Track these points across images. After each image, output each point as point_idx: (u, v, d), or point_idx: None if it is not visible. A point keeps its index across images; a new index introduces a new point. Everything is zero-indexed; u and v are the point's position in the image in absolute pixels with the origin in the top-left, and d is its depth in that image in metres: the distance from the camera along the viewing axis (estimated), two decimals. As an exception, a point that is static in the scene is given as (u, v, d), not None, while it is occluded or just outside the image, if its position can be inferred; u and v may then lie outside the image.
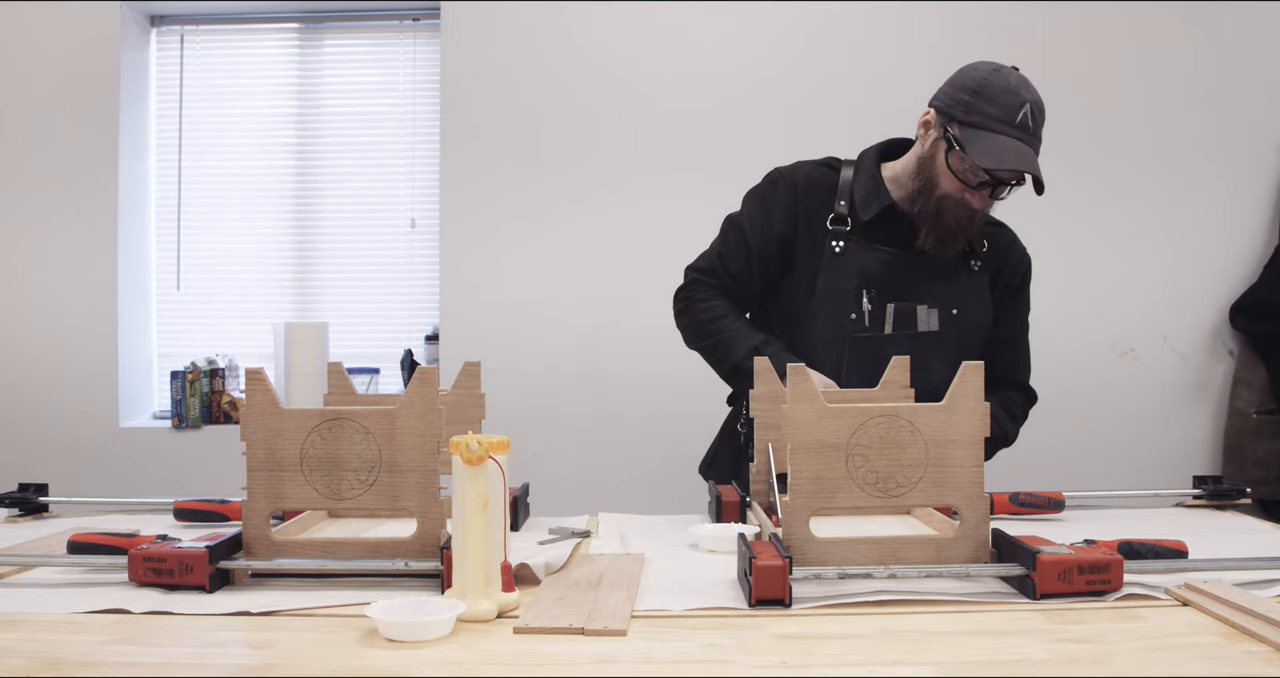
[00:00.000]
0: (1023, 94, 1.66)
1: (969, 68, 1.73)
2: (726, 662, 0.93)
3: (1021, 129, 1.65)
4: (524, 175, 3.25)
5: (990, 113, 1.66)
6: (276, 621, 1.06)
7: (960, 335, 1.80)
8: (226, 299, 3.53)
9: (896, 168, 1.84)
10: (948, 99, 1.72)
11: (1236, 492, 1.72)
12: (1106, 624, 1.01)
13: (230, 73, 3.55)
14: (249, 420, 1.20)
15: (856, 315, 1.78)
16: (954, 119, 1.69)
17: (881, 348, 1.74)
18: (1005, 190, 1.72)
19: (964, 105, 1.68)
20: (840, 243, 1.80)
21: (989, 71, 1.69)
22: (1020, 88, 1.66)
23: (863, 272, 1.79)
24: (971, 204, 1.72)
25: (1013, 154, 1.64)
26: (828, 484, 1.15)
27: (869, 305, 1.78)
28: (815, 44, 3.22)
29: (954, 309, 1.80)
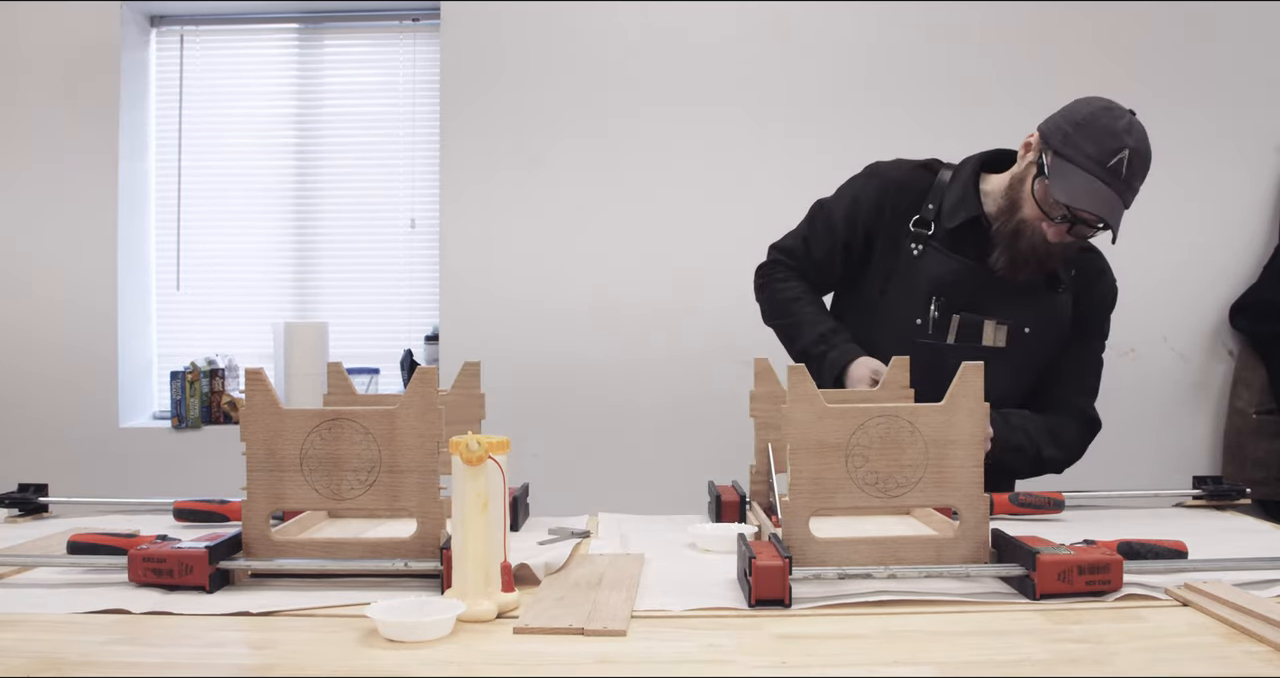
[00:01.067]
0: (1124, 140, 1.62)
1: (1082, 101, 1.70)
2: (726, 662, 0.93)
3: (1112, 174, 1.61)
4: (524, 175, 3.25)
5: (1085, 150, 1.63)
6: (276, 621, 1.06)
7: (1030, 356, 1.78)
8: (226, 299, 3.54)
9: (994, 181, 1.82)
10: (1051, 126, 1.70)
11: (1236, 492, 1.72)
12: (1106, 624, 1.01)
13: (230, 73, 3.55)
14: (249, 420, 1.20)
15: (922, 321, 1.78)
16: (1050, 147, 1.67)
17: (942, 357, 1.73)
18: (1086, 232, 1.70)
19: (1063, 136, 1.66)
20: (919, 246, 1.80)
21: (1100, 109, 1.66)
22: (1125, 133, 1.63)
23: (936, 278, 1.78)
24: (1048, 236, 1.69)
25: (1091, 196, 1.62)
26: (828, 484, 1.15)
27: (936, 313, 1.77)
28: (816, 43, 3.22)
29: (1026, 328, 1.78)
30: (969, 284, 1.77)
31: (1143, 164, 1.65)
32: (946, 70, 3.19)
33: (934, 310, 1.77)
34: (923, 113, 3.20)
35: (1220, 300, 3.17)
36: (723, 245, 3.19)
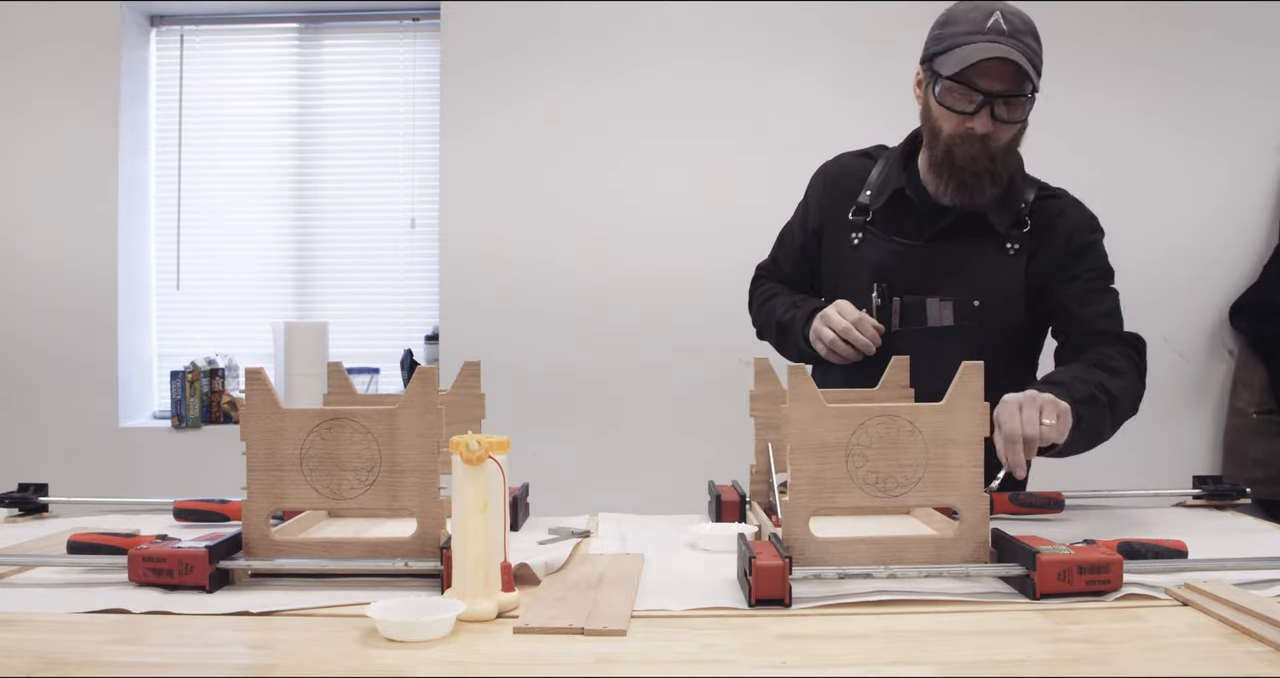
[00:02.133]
0: (991, 6, 1.55)
1: None
2: (726, 662, 0.93)
3: (994, 32, 1.52)
4: (524, 175, 3.25)
5: (957, 31, 1.56)
6: (276, 621, 1.06)
7: (990, 328, 1.66)
8: (226, 299, 3.54)
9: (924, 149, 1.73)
10: (925, 46, 1.64)
11: (1236, 492, 1.72)
12: (1106, 624, 1.01)
13: (230, 73, 3.55)
14: (249, 420, 1.20)
15: (866, 311, 1.67)
16: (928, 57, 1.62)
17: (890, 345, 1.62)
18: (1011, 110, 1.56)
19: (933, 40, 1.61)
20: (858, 235, 1.73)
21: (951, 7, 1.62)
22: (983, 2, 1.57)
23: (875, 264, 1.70)
24: (976, 131, 1.57)
25: (980, 51, 1.52)
26: (828, 484, 1.15)
27: (878, 300, 1.68)
28: (817, 43, 3.22)
29: (975, 300, 1.66)
30: (909, 264, 1.68)
31: (1021, 19, 1.56)
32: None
33: (876, 298, 1.68)
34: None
35: (1220, 300, 3.17)
36: (722, 246, 3.19)
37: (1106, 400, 1.53)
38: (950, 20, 1.60)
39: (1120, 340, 1.69)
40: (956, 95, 1.57)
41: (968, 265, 1.68)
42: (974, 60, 1.52)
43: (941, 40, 1.59)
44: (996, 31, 1.53)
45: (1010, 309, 1.69)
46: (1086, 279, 1.71)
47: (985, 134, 1.58)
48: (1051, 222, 1.70)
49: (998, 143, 1.60)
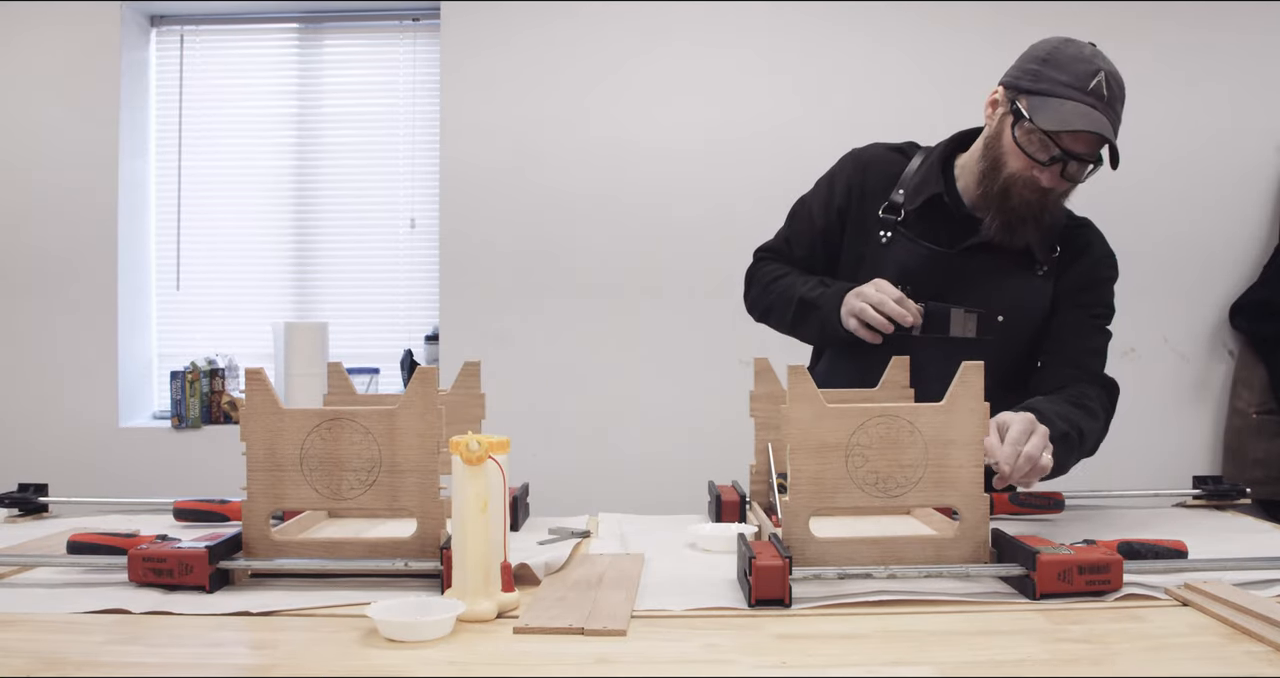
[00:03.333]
0: (1097, 62, 1.53)
1: (1039, 42, 1.60)
2: (726, 662, 0.93)
3: (1095, 96, 1.51)
4: (524, 175, 3.25)
5: (1059, 79, 1.52)
6: (276, 621, 1.06)
7: (1004, 344, 1.64)
8: (226, 299, 3.54)
9: (967, 157, 1.71)
10: (1015, 72, 1.60)
11: (1236, 492, 1.72)
12: (1106, 624, 1.01)
13: (230, 73, 3.55)
14: (249, 420, 1.20)
15: None
16: (1021, 90, 1.56)
17: (902, 346, 1.60)
18: (1080, 170, 1.56)
19: (1031, 74, 1.56)
20: (888, 233, 1.69)
21: (1060, 41, 1.57)
22: (1095, 57, 1.54)
23: (903, 266, 1.66)
24: (1041, 183, 1.56)
25: (1082, 117, 1.50)
26: (828, 484, 1.15)
27: None
28: (818, 44, 3.22)
29: (1000, 315, 1.63)
30: (937, 270, 1.66)
31: (1119, 87, 1.55)
32: (932, 72, 3.19)
33: None
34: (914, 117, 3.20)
35: (1220, 300, 3.17)
36: (723, 246, 3.19)
37: (1077, 441, 1.54)
38: (1052, 61, 1.55)
39: (1099, 382, 1.70)
40: (1037, 144, 1.55)
41: (995, 280, 1.66)
42: (1074, 127, 1.50)
43: (1040, 80, 1.55)
44: (1098, 96, 1.52)
45: (1029, 329, 1.69)
46: (1092, 313, 1.73)
47: (1052, 189, 1.57)
48: (1080, 251, 1.72)
49: (1057, 198, 1.61)
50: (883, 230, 1.70)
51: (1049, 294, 1.69)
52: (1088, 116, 1.50)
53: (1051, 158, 1.54)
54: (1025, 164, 1.56)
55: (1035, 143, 1.55)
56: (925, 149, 1.78)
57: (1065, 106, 1.51)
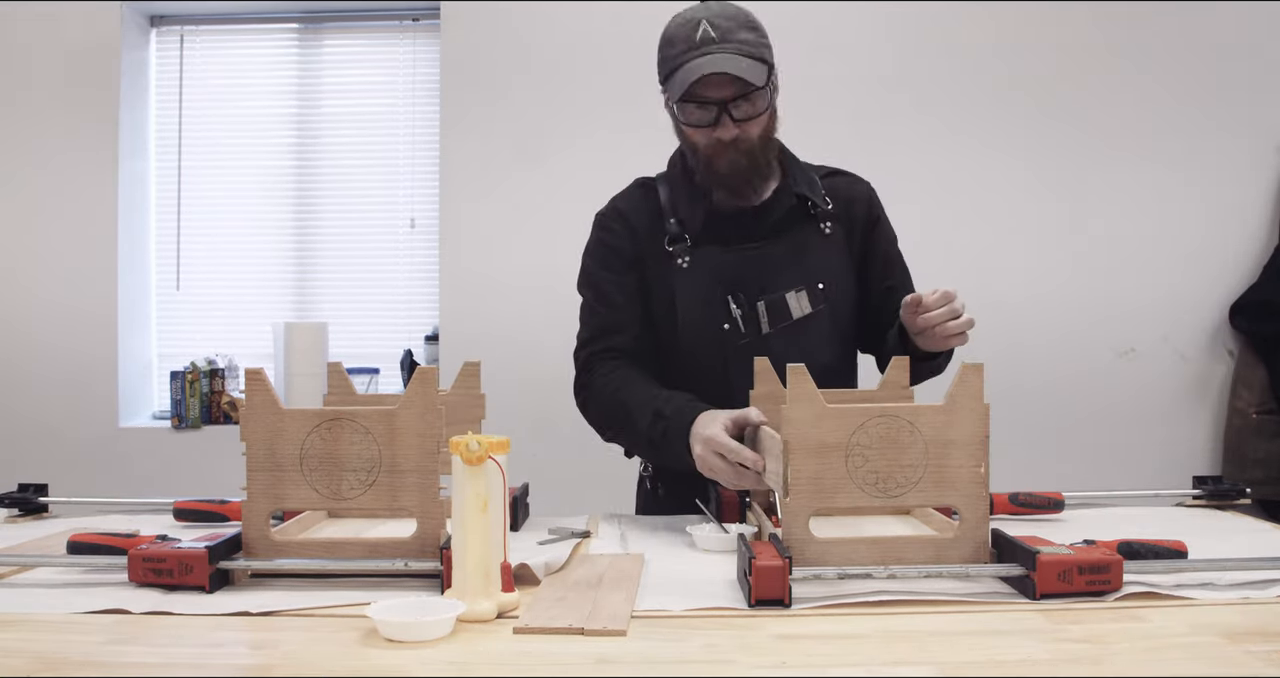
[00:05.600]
0: (697, 15, 1.58)
1: None
2: (726, 662, 0.93)
3: (705, 43, 1.55)
4: (524, 175, 3.25)
5: (672, 53, 1.59)
6: (276, 621, 1.06)
7: (835, 309, 1.70)
8: (226, 299, 3.54)
9: None
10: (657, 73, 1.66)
11: (1236, 492, 1.71)
12: (1106, 624, 1.01)
13: (230, 73, 3.55)
14: (249, 420, 1.20)
15: (729, 324, 1.66)
16: (662, 83, 1.64)
17: (766, 349, 1.61)
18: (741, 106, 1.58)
19: (659, 65, 1.63)
20: (685, 259, 1.69)
21: (670, 21, 1.63)
22: (696, 12, 1.59)
23: (721, 276, 1.68)
24: (721, 138, 1.60)
25: (697, 70, 1.54)
26: (827, 484, 1.15)
27: (738, 310, 1.66)
28: (819, 45, 3.22)
29: (820, 283, 1.68)
30: (752, 267, 1.68)
31: (731, 20, 1.58)
32: (946, 70, 3.19)
33: (735, 308, 1.67)
34: (915, 114, 3.20)
35: (1220, 300, 3.17)
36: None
37: None
38: (666, 41, 1.62)
39: None
40: (693, 111, 1.61)
41: (799, 255, 1.71)
42: (691, 79, 1.55)
43: (665, 63, 1.62)
44: (707, 41, 1.56)
45: (848, 285, 1.74)
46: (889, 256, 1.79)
47: (735, 138, 1.61)
48: (846, 194, 1.77)
49: (750, 140, 1.63)
50: (679, 259, 1.70)
51: (844, 247, 1.74)
52: (701, 65, 1.54)
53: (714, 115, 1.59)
54: (703, 134, 1.62)
55: (692, 112, 1.61)
56: (660, 177, 1.81)
57: (683, 70, 1.56)
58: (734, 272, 1.69)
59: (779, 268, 1.69)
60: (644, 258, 1.74)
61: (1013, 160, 3.20)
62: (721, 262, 1.69)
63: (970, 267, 3.15)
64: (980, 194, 3.20)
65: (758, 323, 1.67)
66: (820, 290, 1.68)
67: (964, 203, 3.20)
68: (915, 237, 2.13)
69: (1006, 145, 3.20)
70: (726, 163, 1.63)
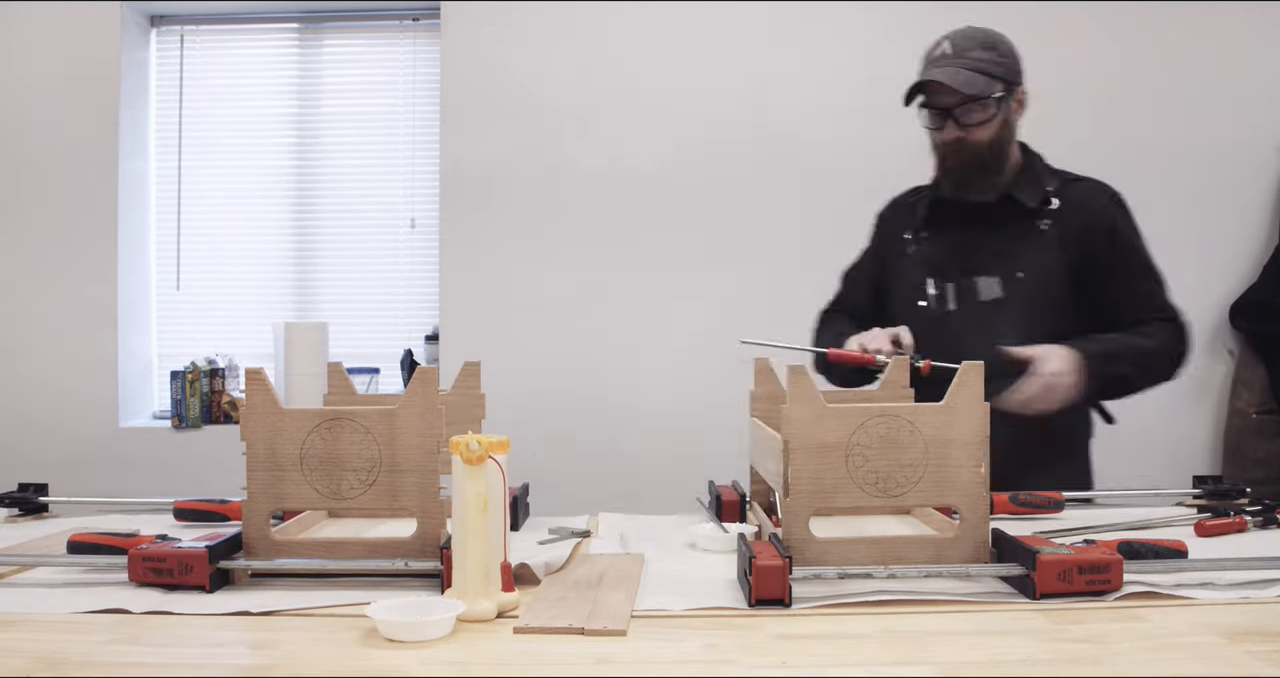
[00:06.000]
0: (947, 35, 1.81)
1: None
2: (726, 662, 0.93)
3: (941, 60, 1.78)
4: (524, 175, 3.25)
5: (920, 68, 1.82)
6: (276, 621, 1.06)
7: (1030, 298, 1.82)
8: (226, 299, 3.54)
9: None
10: None
11: (1236, 492, 1.71)
12: (1106, 624, 1.01)
13: (230, 73, 3.55)
14: (249, 420, 1.20)
15: (925, 302, 1.87)
16: None
17: (951, 325, 1.83)
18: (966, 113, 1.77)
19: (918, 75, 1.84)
20: (913, 246, 1.94)
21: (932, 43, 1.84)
22: (945, 35, 1.81)
23: (927, 261, 1.90)
24: (946, 140, 1.81)
25: (921, 74, 1.78)
26: (828, 484, 1.15)
27: (934, 290, 1.87)
28: (819, 45, 3.22)
29: (1018, 273, 1.83)
30: (958, 254, 1.87)
31: (967, 38, 1.80)
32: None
33: (932, 289, 1.87)
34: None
35: (1220, 300, 3.17)
36: (723, 240, 3.19)
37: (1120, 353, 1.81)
38: (923, 60, 1.84)
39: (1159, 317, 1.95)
40: (926, 116, 1.84)
41: (1005, 245, 1.85)
42: (912, 85, 1.78)
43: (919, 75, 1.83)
44: (942, 56, 1.79)
45: (1049, 281, 1.84)
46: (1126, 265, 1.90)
47: (958, 139, 1.80)
48: (1080, 200, 1.89)
49: (978, 143, 1.81)
50: (909, 247, 1.95)
51: (1054, 244, 1.84)
52: (924, 74, 1.79)
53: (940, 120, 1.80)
54: (936, 137, 1.85)
55: (924, 117, 1.84)
56: None
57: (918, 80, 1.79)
58: (942, 256, 1.89)
59: (982, 254, 1.86)
60: (888, 246, 2.00)
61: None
62: (935, 247, 1.91)
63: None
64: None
65: (945, 300, 1.87)
66: (1018, 279, 1.83)
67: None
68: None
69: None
70: (954, 161, 1.84)
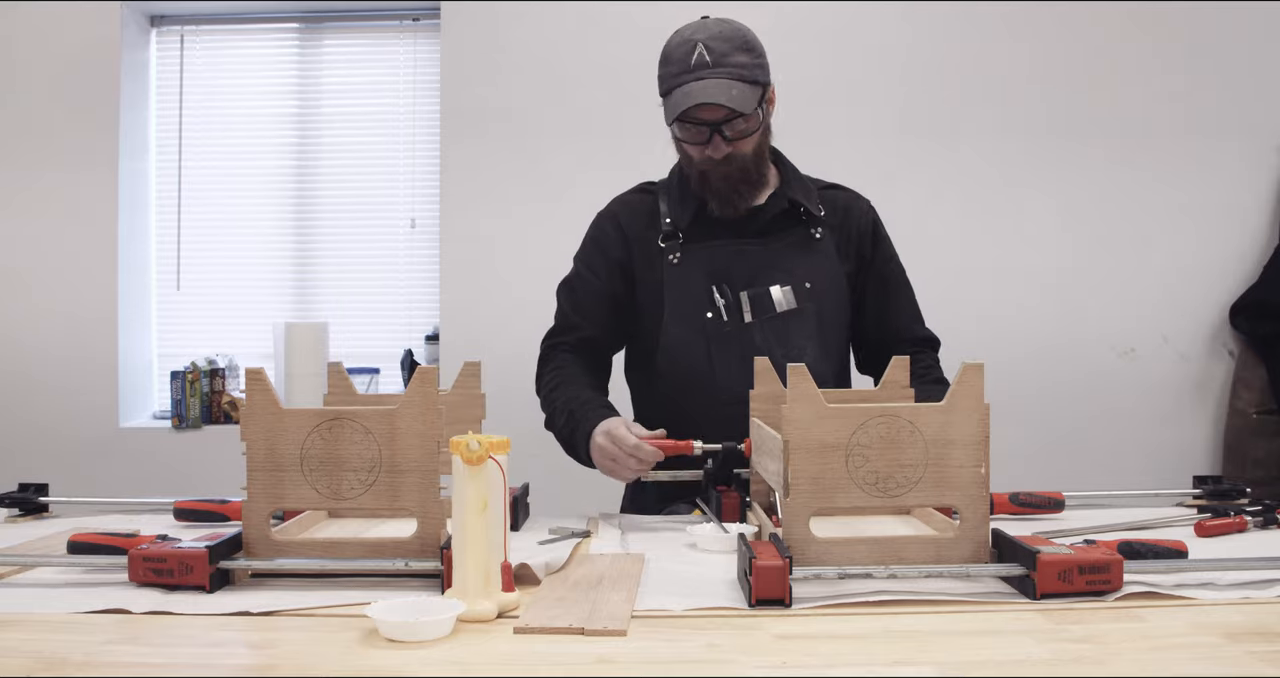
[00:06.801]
0: (694, 37, 1.66)
1: None
2: (726, 662, 0.93)
3: (700, 68, 1.64)
4: (524, 175, 3.25)
5: (670, 72, 1.68)
6: (276, 621, 1.06)
7: (820, 308, 1.77)
8: (226, 299, 3.54)
9: None
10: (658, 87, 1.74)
11: (1236, 492, 1.72)
12: (1106, 624, 1.01)
13: (230, 73, 3.55)
14: (249, 420, 1.20)
15: (713, 313, 1.76)
16: (662, 97, 1.72)
17: (748, 337, 1.74)
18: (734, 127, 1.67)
19: (659, 80, 1.72)
20: (676, 255, 1.79)
21: (671, 37, 1.71)
22: (695, 33, 1.67)
23: (708, 270, 1.78)
24: (712, 156, 1.70)
25: (689, 96, 1.63)
26: (828, 484, 1.15)
27: (722, 299, 1.76)
28: (821, 45, 3.22)
29: (806, 283, 1.77)
30: (741, 261, 1.78)
31: (726, 43, 1.65)
32: (939, 69, 3.19)
33: (719, 297, 1.76)
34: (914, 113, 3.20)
35: (1220, 300, 3.17)
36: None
37: None
38: (664, 59, 1.70)
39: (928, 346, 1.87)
40: (689, 130, 1.70)
41: (787, 255, 1.79)
42: (685, 106, 1.64)
43: (663, 81, 1.71)
44: (702, 65, 1.64)
45: (834, 288, 1.81)
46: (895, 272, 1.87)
47: (726, 155, 1.70)
48: (845, 209, 1.85)
49: (742, 156, 1.72)
50: (669, 255, 1.80)
51: (833, 254, 1.82)
52: (694, 92, 1.64)
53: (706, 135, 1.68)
54: (696, 150, 1.73)
55: (686, 133, 1.71)
56: (662, 182, 1.90)
57: (678, 94, 1.66)
58: (722, 265, 1.78)
59: (766, 265, 1.78)
60: (632, 257, 1.84)
61: (1012, 161, 3.20)
62: (711, 256, 1.79)
63: (970, 267, 3.15)
64: (979, 195, 3.20)
65: (741, 312, 1.76)
66: (806, 289, 1.77)
67: (963, 204, 3.20)
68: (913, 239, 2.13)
69: (1006, 147, 3.19)
70: (719, 176, 1.74)
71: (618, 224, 1.87)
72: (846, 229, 1.84)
